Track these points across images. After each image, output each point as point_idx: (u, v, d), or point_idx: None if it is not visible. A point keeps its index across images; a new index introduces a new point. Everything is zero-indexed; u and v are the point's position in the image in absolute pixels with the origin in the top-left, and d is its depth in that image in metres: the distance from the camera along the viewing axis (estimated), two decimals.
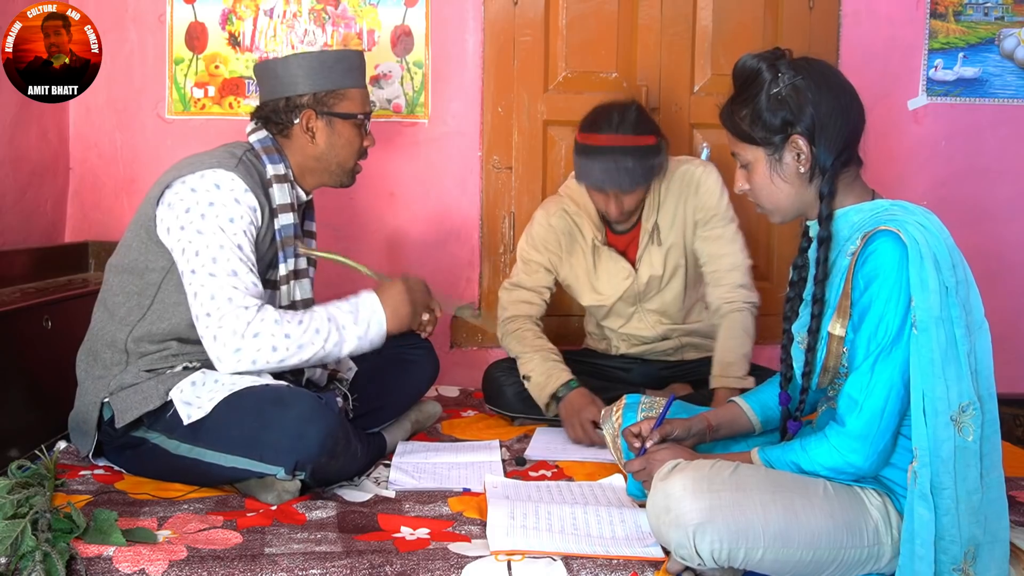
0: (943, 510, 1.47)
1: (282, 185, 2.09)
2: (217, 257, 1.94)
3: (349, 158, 2.19)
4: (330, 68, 2.12)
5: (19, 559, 1.52)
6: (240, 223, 1.97)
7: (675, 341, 2.68)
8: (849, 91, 1.63)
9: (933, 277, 1.48)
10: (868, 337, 1.53)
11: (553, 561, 1.59)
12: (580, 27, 3.04)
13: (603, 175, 2.40)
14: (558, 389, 2.43)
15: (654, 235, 2.55)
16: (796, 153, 1.61)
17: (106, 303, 2.08)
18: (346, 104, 2.14)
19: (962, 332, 1.49)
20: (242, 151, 2.08)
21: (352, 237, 3.05)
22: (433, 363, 2.48)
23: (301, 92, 2.11)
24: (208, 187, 1.97)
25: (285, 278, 2.11)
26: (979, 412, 1.48)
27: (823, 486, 1.58)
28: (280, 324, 1.94)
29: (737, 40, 3.03)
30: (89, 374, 2.07)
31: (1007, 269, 3.14)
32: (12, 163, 2.66)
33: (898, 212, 1.57)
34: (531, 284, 2.64)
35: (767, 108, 1.60)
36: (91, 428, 2.04)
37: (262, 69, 2.17)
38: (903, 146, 3.10)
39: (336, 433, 1.91)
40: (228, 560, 1.58)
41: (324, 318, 1.99)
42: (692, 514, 1.49)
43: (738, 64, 1.66)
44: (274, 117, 2.14)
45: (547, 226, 2.62)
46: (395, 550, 1.64)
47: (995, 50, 3.12)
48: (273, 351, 1.93)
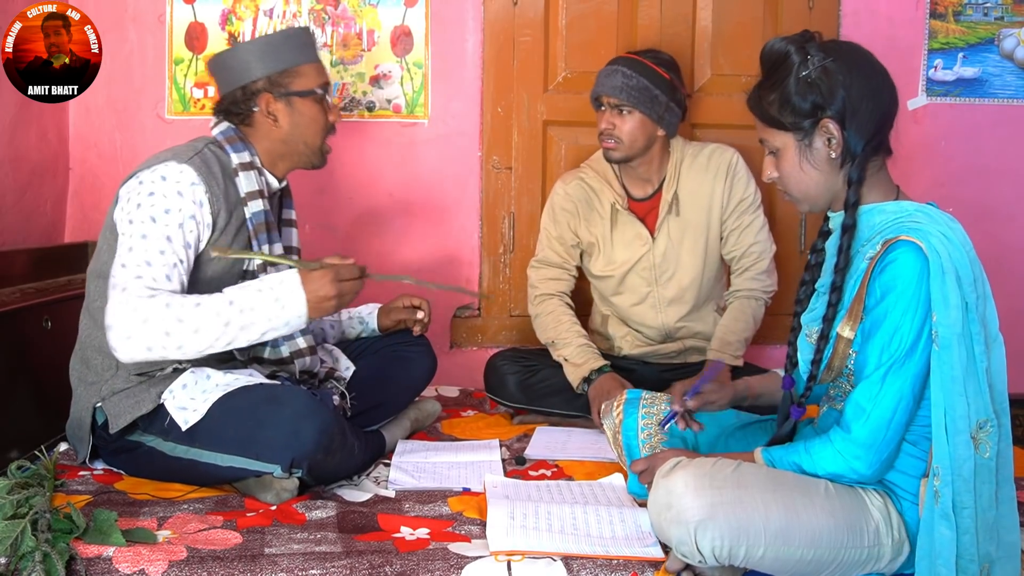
0: (963, 529, 1.45)
1: (248, 172, 2.07)
2: (134, 247, 1.90)
3: (316, 136, 2.15)
4: (279, 48, 2.09)
5: (19, 559, 1.52)
6: (176, 215, 1.93)
7: (678, 344, 2.68)
8: (881, 73, 1.59)
9: (955, 293, 1.46)
10: (881, 348, 1.51)
11: (553, 561, 1.59)
12: (580, 27, 3.04)
13: (604, 78, 2.54)
14: (591, 373, 2.50)
15: (673, 205, 2.61)
16: (827, 138, 1.57)
17: (89, 310, 2.07)
18: (302, 81, 2.11)
19: (981, 348, 1.47)
20: (204, 144, 2.07)
21: (351, 238, 3.05)
22: (430, 359, 2.47)
23: (255, 77, 2.08)
24: (154, 179, 1.95)
25: (262, 266, 2.07)
26: (996, 428, 1.47)
27: (824, 485, 1.58)
28: (171, 308, 1.84)
29: (736, 40, 3.03)
30: (82, 380, 2.06)
31: (1006, 269, 3.14)
32: (12, 163, 2.66)
33: (922, 220, 1.53)
34: (556, 259, 2.71)
35: (796, 92, 1.56)
36: (85, 434, 2.04)
37: (214, 63, 2.15)
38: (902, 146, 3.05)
39: (331, 429, 1.90)
40: (228, 560, 1.58)
41: (225, 301, 1.87)
42: (694, 511, 1.49)
43: (766, 47, 1.62)
44: (234, 108, 2.11)
45: (564, 195, 2.70)
46: (395, 550, 1.64)
47: (995, 50, 3.12)
48: (167, 336, 1.83)
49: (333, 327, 2.48)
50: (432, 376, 2.51)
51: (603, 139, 2.57)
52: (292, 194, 2.30)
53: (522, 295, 3.10)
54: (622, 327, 2.72)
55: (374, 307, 2.48)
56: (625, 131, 2.53)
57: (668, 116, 2.55)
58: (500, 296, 3.11)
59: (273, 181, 2.17)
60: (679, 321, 2.65)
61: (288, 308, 1.88)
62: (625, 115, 2.53)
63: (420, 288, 2.33)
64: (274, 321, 1.89)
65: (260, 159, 2.13)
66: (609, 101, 2.54)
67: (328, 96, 2.17)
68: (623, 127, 2.53)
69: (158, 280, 1.89)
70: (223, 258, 2.01)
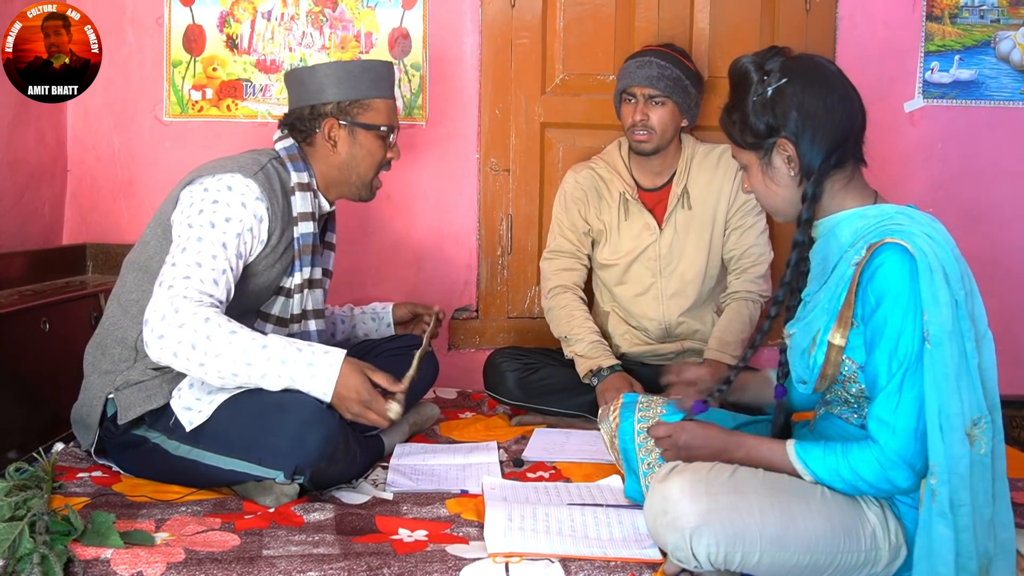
0: (962, 527, 1.45)
1: (304, 193, 2.10)
2: (188, 248, 1.91)
3: (369, 170, 2.18)
4: (356, 77, 2.13)
5: (17, 561, 1.52)
6: (236, 225, 1.95)
7: (676, 344, 2.70)
8: (839, 89, 1.59)
9: (944, 290, 1.46)
10: (889, 356, 1.50)
11: (551, 563, 1.60)
12: (577, 29, 3.05)
13: (637, 69, 2.56)
14: (601, 369, 2.53)
15: (683, 199, 2.64)
16: (785, 156, 1.60)
17: (120, 299, 2.08)
18: (370, 115, 2.15)
19: (972, 345, 1.47)
20: (268, 158, 2.09)
21: (350, 240, 3.05)
22: (432, 365, 2.48)
23: (326, 100, 2.12)
24: (220, 188, 1.97)
25: (300, 286, 2.11)
26: (990, 425, 1.46)
27: (821, 490, 1.57)
28: (209, 323, 1.82)
29: (734, 42, 3.03)
30: (96, 368, 2.06)
31: (1003, 271, 3.15)
32: (10, 165, 2.66)
33: (904, 221, 1.54)
34: (569, 247, 2.74)
35: (753, 112, 1.59)
36: (94, 423, 2.04)
37: (290, 77, 2.19)
38: (899, 148, 3.10)
39: (336, 438, 1.90)
40: (226, 563, 1.58)
41: (260, 344, 1.83)
42: (689, 517, 1.49)
43: (731, 66, 1.65)
44: (299, 125, 2.15)
45: (575, 183, 2.75)
46: (393, 552, 1.64)
47: (991, 52, 3.12)
48: (192, 348, 1.81)
49: (344, 321, 2.50)
50: (434, 381, 2.52)
51: (634, 132, 2.59)
52: (336, 218, 2.33)
53: (520, 297, 3.10)
54: (622, 324, 2.73)
55: (388, 304, 2.54)
56: (658, 121, 2.57)
57: (694, 108, 2.63)
58: (498, 298, 3.11)
59: (325, 204, 2.20)
60: (680, 316, 2.66)
61: (317, 382, 1.86)
62: (658, 106, 2.56)
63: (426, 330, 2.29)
64: (297, 383, 1.86)
65: (316, 181, 2.15)
66: (644, 92, 2.56)
67: (394, 135, 2.20)
68: (656, 118, 2.56)
69: (205, 282, 1.89)
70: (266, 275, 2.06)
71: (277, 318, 2.15)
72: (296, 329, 2.17)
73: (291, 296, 2.12)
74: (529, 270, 3.08)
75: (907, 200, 1.67)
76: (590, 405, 2.55)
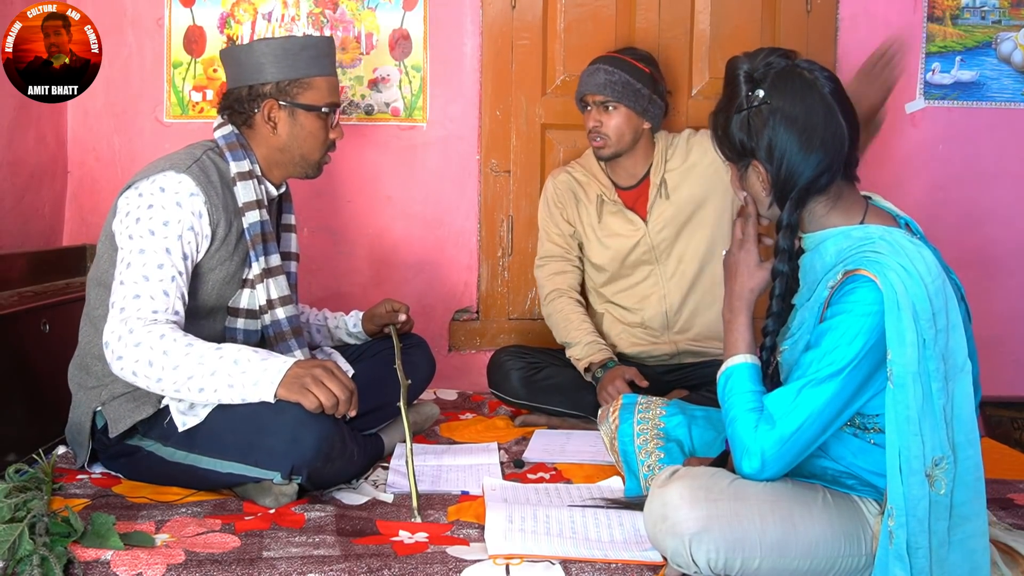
0: (917, 570, 1.43)
1: (246, 182, 2.04)
2: (132, 262, 1.89)
3: (314, 151, 2.12)
4: (295, 55, 2.05)
5: (16, 563, 1.52)
6: (175, 227, 1.91)
7: (673, 345, 2.69)
8: (822, 118, 1.51)
9: (911, 330, 1.42)
10: (811, 360, 1.49)
11: (552, 565, 1.59)
12: (578, 31, 3.05)
13: (587, 78, 2.62)
14: (597, 367, 2.54)
15: (661, 189, 2.66)
16: (759, 177, 1.58)
17: (89, 316, 2.07)
18: (311, 94, 2.08)
19: (939, 385, 1.44)
20: (203, 150, 2.04)
21: (349, 241, 3.05)
22: (429, 362, 2.47)
23: (265, 80, 2.05)
24: (153, 191, 1.93)
25: (259, 276, 2.07)
26: (951, 465, 1.43)
27: (822, 495, 1.57)
28: (164, 340, 1.81)
29: (734, 44, 3.02)
30: (82, 386, 2.06)
31: (1003, 272, 3.15)
32: (10, 166, 2.66)
33: (884, 249, 1.48)
34: (558, 251, 2.77)
35: (734, 124, 1.57)
36: (85, 439, 2.04)
37: (226, 55, 2.12)
38: (900, 150, 3.10)
39: (332, 437, 1.90)
40: (226, 564, 1.57)
41: (217, 356, 1.82)
42: (689, 523, 1.48)
43: (728, 62, 1.61)
44: (237, 107, 2.08)
45: (553, 187, 2.79)
46: (393, 554, 1.63)
47: (992, 54, 3.12)
48: (150, 365, 1.81)
49: (319, 331, 2.47)
50: (431, 379, 2.51)
51: (592, 138, 2.64)
52: (292, 198, 2.30)
53: (520, 298, 3.11)
54: (617, 324, 2.73)
55: (357, 315, 2.47)
56: (612, 127, 2.60)
57: (652, 109, 2.63)
58: (498, 299, 3.11)
59: (272, 189, 2.15)
60: (682, 299, 2.66)
61: (268, 374, 1.83)
62: (611, 111, 2.60)
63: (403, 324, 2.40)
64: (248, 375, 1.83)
65: (259, 166, 2.11)
66: (594, 99, 2.61)
67: (335, 114, 2.14)
68: (610, 123, 2.60)
69: (156, 298, 1.87)
70: (223, 270, 2.03)
71: (247, 311, 2.10)
72: (267, 320, 2.12)
73: (254, 287, 2.08)
74: (530, 272, 3.07)
75: (908, 202, 1.66)
76: (594, 405, 2.54)
